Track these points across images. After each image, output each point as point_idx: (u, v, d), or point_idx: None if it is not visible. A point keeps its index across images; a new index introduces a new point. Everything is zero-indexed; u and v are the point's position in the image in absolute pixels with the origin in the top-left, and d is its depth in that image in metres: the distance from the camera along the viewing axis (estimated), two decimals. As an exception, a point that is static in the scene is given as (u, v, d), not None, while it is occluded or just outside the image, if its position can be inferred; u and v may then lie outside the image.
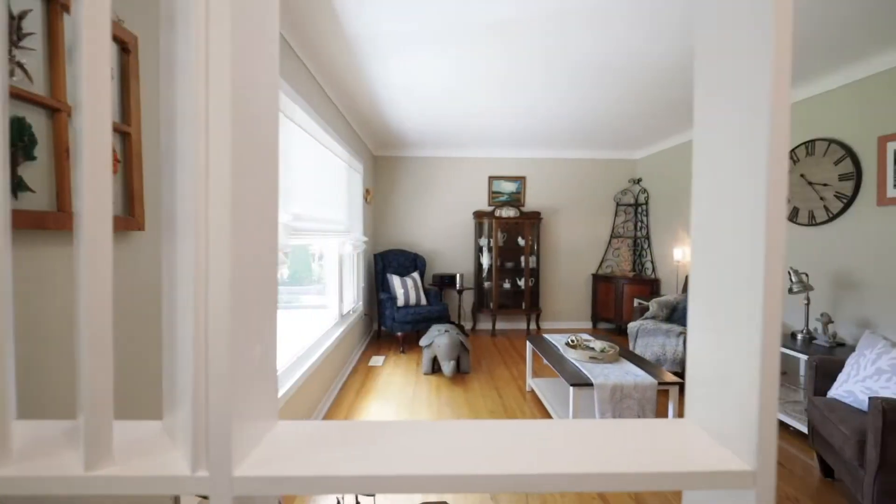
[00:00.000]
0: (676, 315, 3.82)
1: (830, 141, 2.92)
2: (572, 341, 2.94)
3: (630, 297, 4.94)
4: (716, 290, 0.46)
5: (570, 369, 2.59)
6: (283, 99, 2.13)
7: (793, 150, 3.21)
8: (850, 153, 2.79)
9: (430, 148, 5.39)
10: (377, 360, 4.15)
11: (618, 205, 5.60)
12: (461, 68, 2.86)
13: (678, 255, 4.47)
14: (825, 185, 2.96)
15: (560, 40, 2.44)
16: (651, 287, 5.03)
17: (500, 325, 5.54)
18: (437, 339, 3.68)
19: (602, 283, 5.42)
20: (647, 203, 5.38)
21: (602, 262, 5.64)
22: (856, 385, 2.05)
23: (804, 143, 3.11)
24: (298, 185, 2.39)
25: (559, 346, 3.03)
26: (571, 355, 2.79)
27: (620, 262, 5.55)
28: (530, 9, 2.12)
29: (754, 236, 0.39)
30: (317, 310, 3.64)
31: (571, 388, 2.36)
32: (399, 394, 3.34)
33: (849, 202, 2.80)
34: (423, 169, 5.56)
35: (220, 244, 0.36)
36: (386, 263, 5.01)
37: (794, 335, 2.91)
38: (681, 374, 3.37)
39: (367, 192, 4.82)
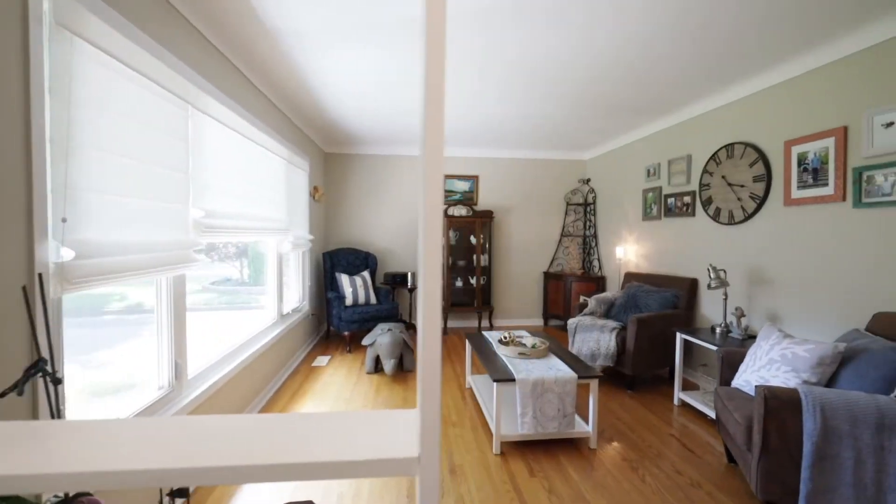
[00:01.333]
0: (614, 311, 3.95)
1: (746, 144, 3.09)
2: (505, 338, 2.98)
3: (577, 294, 5.06)
4: (423, 288, 0.47)
5: (499, 365, 2.63)
6: (195, 91, 2.06)
7: (715, 153, 3.37)
8: (762, 156, 2.96)
9: (382, 145, 5.35)
10: (321, 361, 4.09)
11: (568, 204, 5.73)
12: (390, 66, 2.85)
13: (619, 252, 4.62)
14: (742, 186, 3.13)
15: (490, 40, 2.46)
16: (597, 284, 5.18)
17: (452, 324, 5.58)
18: (380, 337, 3.66)
19: (553, 280, 5.53)
20: (595, 203, 5.54)
21: (553, 260, 5.76)
22: (752, 375, 2.17)
23: (725, 146, 3.28)
24: (215, 181, 2.31)
25: (494, 343, 3.07)
26: (502, 352, 2.84)
27: (570, 261, 5.68)
28: (450, 6, 2.13)
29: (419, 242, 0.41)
30: (260, 310, 3.54)
31: (495, 383, 2.40)
32: (336, 394, 3.30)
33: (761, 202, 2.97)
34: (375, 166, 5.52)
35: None
36: (335, 262, 4.93)
37: (713, 329, 3.07)
38: (612, 369, 3.49)
39: (314, 189, 4.74)
